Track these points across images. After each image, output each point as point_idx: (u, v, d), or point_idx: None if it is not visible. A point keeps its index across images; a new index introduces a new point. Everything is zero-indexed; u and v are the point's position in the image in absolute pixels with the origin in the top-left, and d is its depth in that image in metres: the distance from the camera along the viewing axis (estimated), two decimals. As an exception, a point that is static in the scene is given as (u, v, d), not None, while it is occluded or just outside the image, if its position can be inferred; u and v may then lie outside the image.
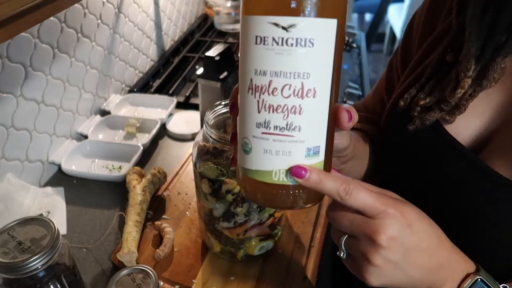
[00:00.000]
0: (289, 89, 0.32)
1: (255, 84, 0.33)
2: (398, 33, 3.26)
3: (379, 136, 0.64)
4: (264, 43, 0.32)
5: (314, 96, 0.33)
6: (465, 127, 0.49)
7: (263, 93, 0.33)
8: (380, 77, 0.72)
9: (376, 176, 0.66)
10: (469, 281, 0.41)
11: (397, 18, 3.32)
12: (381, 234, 0.37)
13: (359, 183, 0.38)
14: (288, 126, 0.33)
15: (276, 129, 0.34)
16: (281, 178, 0.35)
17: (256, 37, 0.32)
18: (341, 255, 0.42)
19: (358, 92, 1.29)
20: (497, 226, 0.46)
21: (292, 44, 0.31)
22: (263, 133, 0.34)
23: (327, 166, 0.38)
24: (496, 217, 0.46)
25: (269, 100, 0.33)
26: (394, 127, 0.57)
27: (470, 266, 0.42)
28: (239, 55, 0.36)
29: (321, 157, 0.36)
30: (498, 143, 0.47)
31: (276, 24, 0.31)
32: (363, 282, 0.41)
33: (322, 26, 0.32)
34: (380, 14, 3.58)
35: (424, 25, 0.58)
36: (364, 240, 0.39)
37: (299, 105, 0.33)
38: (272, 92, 0.33)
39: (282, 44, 0.32)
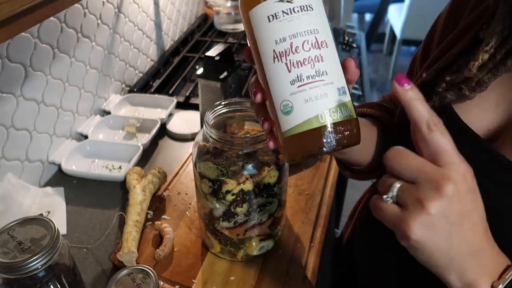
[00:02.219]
0: (308, 43, 0.40)
1: (279, 51, 0.40)
2: (398, 33, 3.26)
3: (394, 123, 0.63)
4: (276, 18, 0.40)
5: (327, 46, 0.40)
6: (479, 116, 0.49)
7: (288, 55, 0.40)
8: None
9: (375, 171, 0.66)
10: (511, 273, 0.38)
11: (397, 18, 3.32)
12: (449, 183, 0.35)
13: (445, 128, 0.37)
14: (317, 72, 0.40)
15: (309, 78, 0.40)
16: (326, 119, 0.40)
17: (268, 17, 0.40)
18: (389, 200, 0.38)
19: (358, 92, 1.29)
20: (504, 215, 0.45)
21: (298, 11, 0.40)
22: (299, 86, 0.40)
23: (354, 107, 0.42)
24: (505, 206, 0.45)
25: (295, 57, 0.40)
26: None
27: (507, 262, 0.40)
28: (251, 46, 0.43)
29: (349, 96, 0.42)
30: (510, 135, 0.46)
31: (281, 0, 0.40)
32: (399, 238, 0.37)
33: None
34: (380, 14, 3.58)
35: (447, 20, 0.58)
36: (427, 186, 0.35)
37: (320, 54, 0.40)
38: (296, 50, 0.40)
39: (290, 13, 0.40)
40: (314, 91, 0.40)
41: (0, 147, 0.80)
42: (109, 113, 1.11)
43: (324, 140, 0.40)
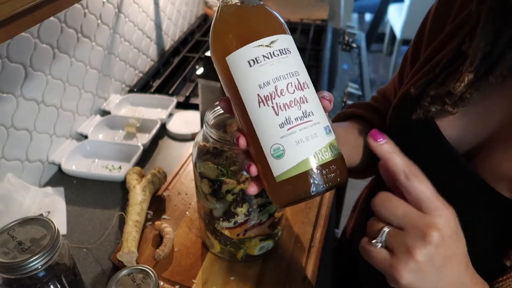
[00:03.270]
0: (292, 85, 0.40)
1: (264, 96, 0.40)
2: (398, 33, 3.26)
3: (383, 123, 0.64)
4: (257, 62, 0.40)
5: (308, 87, 0.41)
6: (462, 130, 0.49)
7: (274, 98, 0.40)
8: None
9: (370, 170, 0.66)
10: None
11: (397, 18, 3.32)
12: (434, 231, 0.36)
13: (423, 175, 0.38)
14: (304, 113, 0.40)
15: (297, 120, 0.40)
16: (319, 159, 0.40)
17: (248, 61, 0.40)
18: (378, 245, 0.40)
19: (358, 92, 1.29)
20: (476, 231, 0.46)
21: (278, 55, 0.40)
22: (289, 129, 0.40)
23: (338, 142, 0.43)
24: (476, 223, 0.46)
25: (282, 100, 0.40)
26: (401, 116, 0.57)
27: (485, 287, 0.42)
28: (228, 92, 0.42)
29: (333, 134, 0.42)
30: (490, 153, 0.46)
31: (260, 45, 0.40)
32: (389, 280, 0.39)
33: (288, 39, 0.42)
34: (380, 14, 3.58)
35: (433, 23, 0.58)
36: (413, 233, 0.37)
37: (304, 95, 0.40)
38: (281, 93, 0.40)
39: (271, 57, 0.40)
40: (304, 132, 0.39)
41: (0, 147, 0.80)
42: (109, 113, 1.11)
43: (317, 181, 0.40)
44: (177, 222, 0.80)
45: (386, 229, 0.39)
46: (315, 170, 0.39)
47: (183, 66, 1.40)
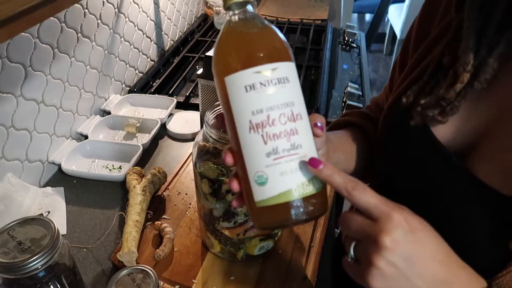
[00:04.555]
0: (284, 116, 0.40)
1: (256, 123, 0.39)
2: (398, 33, 3.26)
3: (377, 134, 0.65)
4: (253, 89, 0.39)
5: (301, 118, 0.41)
6: (452, 132, 0.50)
7: (264, 127, 0.39)
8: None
9: (368, 176, 0.67)
10: None
11: (397, 18, 3.32)
12: (384, 236, 0.38)
13: (366, 186, 0.40)
14: (292, 145, 0.40)
15: (284, 151, 0.39)
16: (300, 192, 0.40)
17: (245, 86, 0.39)
18: (349, 260, 0.42)
19: (358, 92, 1.28)
20: (474, 227, 0.47)
21: (275, 83, 0.39)
22: (274, 159, 0.39)
23: None
24: (473, 219, 0.47)
25: (272, 130, 0.39)
26: (392, 124, 0.58)
27: (482, 284, 0.42)
28: (224, 111, 0.42)
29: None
30: (482, 151, 0.47)
31: (259, 72, 0.39)
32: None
33: (289, 67, 0.41)
34: (380, 14, 3.58)
35: (418, 30, 0.59)
36: (368, 243, 0.39)
37: (295, 127, 0.40)
38: (272, 123, 0.39)
39: (268, 85, 0.39)
40: (289, 164, 0.40)
41: (0, 147, 0.80)
42: (109, 113, 1.11)
43: (296, 213, 0.40)
44: (177, 222, 0.80)
45: (353, 244, 0.42)
46: (295, 202, 0.40)
47: (183, 66, 1.40)
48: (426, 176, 0.52)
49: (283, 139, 0.39)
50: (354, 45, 1.59)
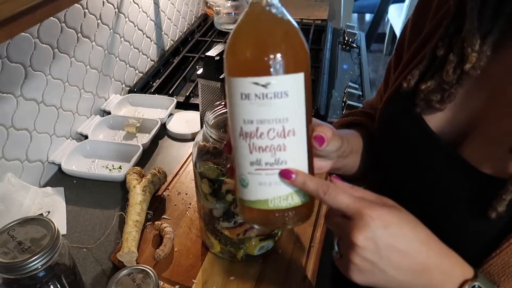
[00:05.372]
0: (273, 132, 0.39)
1: (245, 131, 0.40)
2: (398, 33, 3.26)
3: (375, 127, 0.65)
4: (248, 99, 0.38)
5: (294, 135, 0.40)
6: (444, 121, 0.51)
7: (252, 138, 0.39)
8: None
9: (370, 172, 0.67)
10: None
11: (397, 18, 3.32)
12: (355, 234, 0.40)
13: (340, 187, 0.42)
14: (276, 161, 0.40)
15: (267, 165, 0.40)
16: (275, 204, 0.41)
17: (241, 94, 0.38)
18: (335, 255, 0.45)
19: (358, 92, 1.28)
20: (469, 214, 0.48)
21: (271, 97, 0.38)
22: (256, 169, 0.40)
23: None
24: (469, 209, 0.47)
25: (258, 142, 0.39)
26: (389, 115, 0.58)
27: (467, 272, 0.43)
28: (227, 106, 0.42)
29: None
30: (474, 137, 0.48)
31: (256, 83, 0.38)
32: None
33: (293, 80, 0.39)
34: (380, 14, 3.58)
35: (413, 27, 0.60)
36: (344, 240, 0.42)
37: (283, 144, 0.40)
38: (260, 136, 0.39)
39: (262, 98, 0.38)
40: (269, 178, 0.40)
41: (0, 147, 0.80)
42: (109, 113, 1.11)
43: (273, 220, 0.42)
44: (177, 222, 0.80)
45: (336, 240, 0.44)
46: (270, 211, 0.41)
47: (183, 66, 1.40)
48: (421, 166, 0.53)
49: (268, 153, 0.40)
50: (354, 45, 1.59)
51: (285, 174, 0.41)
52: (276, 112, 0.39)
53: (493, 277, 0.44)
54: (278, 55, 0.37)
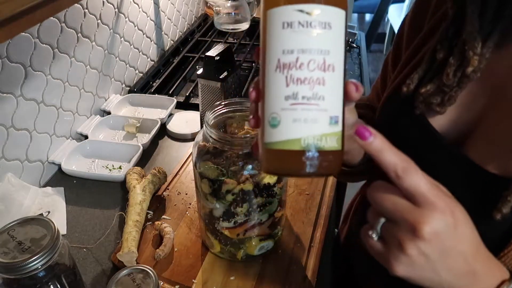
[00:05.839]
0: (314, 63, 0.38)
1: (283, 62, 0.38)
2: (398, 33, 3.26)
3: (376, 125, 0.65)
4: (291, 27, 0.38)
5: (333, 70, 0.38)
6: (448, 121, 0.51)
7: (290, 69, 0.38)
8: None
9: (366, 172, 0.67)
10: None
11: (397, 18, 3.32)
12: (425, 225, 0.35)
13: (417, 167, 0.37)
14: (314, 95, 0.38)
15: (304, 99, 0.38)
16: (308, 144, 0.38)
17: (283, 22, 0.38)
18: (374, 236, 0.39)
19: (358, 92, 1.28)
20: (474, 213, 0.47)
21: (315, 26, 0.37)
22: (292, 104, 0.38)
23: (343, 137, 0.40)
24: (474, 206, 0.46)
25: (297, 74, 0.38)
26: (389, 115, 0.58)
27: (504, 274, 0.42)
28: (261, 44, 0.41)
29: (340, 126, 0.40)
30: (477, 136, 0.48)
31: (301, 10, 0.37)
32: (387, 271, 0.39)
33: (336, 14, 0.38)
34: (380, 14, 3.58)
35: (411, 24, 0.60)
36: (404, 227, 0.37)
37: (322, 78, 0.38)
38: (300, 66, 0.38)
39: (306, 26, 0.37)
40: (305, 113, 0.38)
41: (0, 147, 0.80)
42: (109, 113, 1.11)
43: (302, 164, 0.39)
44: (177, 222, 0.80)
45: (382, 220, 0.39)
46: (301, 153, 0.38)
47: (183, 66, 1.39)
48: (423, 165, 0.52)
49: (306, 86, 0.38)
50: (354, 45, 1.59)
51: (361, 133, 0.37)
52: (319, 42, 0.38)
53: None
54: None
